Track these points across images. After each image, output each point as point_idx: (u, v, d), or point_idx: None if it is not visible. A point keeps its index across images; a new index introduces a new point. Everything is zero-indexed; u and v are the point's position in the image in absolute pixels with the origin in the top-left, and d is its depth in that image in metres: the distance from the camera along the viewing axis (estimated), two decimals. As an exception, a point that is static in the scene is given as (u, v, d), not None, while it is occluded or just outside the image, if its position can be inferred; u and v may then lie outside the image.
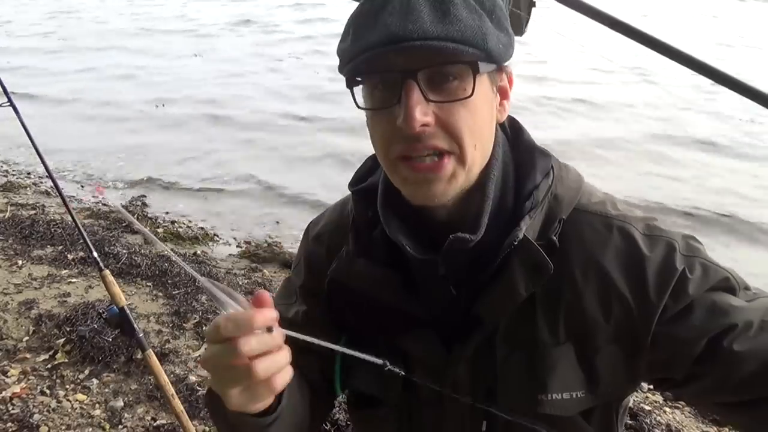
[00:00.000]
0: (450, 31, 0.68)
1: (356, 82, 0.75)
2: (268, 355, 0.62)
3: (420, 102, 0.69)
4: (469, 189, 0.78)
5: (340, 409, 2.59)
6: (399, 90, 0.70)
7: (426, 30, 0.67)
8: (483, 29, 0.70)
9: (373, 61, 0.70)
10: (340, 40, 0.75)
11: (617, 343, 0.79)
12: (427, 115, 0.70)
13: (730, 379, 0.74)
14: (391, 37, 0.67)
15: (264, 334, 0.62)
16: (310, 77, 10.11)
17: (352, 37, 0.72)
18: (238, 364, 0.61)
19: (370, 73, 0.73)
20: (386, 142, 0.74)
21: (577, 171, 0.87)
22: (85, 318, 3.21)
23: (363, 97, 0.76)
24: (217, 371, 0.64)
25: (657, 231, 0.80)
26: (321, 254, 0.96)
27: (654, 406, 2.78)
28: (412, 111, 0.69)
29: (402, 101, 0.70)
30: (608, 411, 0.85)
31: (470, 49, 0.69)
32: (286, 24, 15.33)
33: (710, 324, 0.75)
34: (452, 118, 0.71)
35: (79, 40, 13.72)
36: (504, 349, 0.81)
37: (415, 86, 0.69)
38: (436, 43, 0.67)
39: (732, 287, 0.79)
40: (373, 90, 0.74)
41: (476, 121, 0.73)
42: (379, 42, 0.68)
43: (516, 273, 0.77)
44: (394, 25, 0.68)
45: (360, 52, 0.70)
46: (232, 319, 0.61)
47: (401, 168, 0.75)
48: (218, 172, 6.49)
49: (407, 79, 0.69)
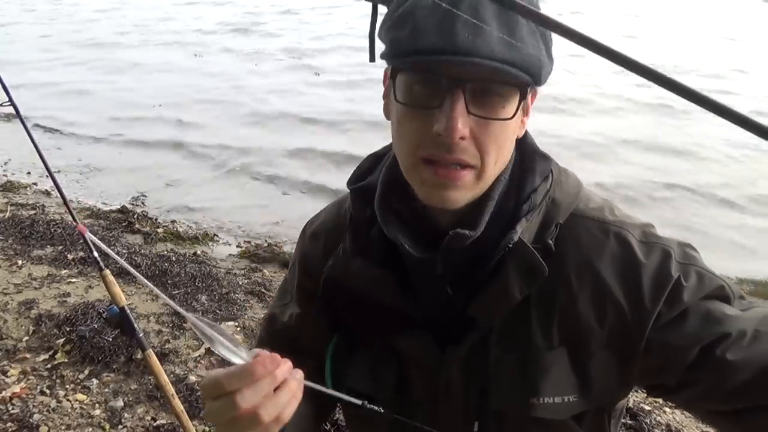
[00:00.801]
0: (516, 56, 0.67)
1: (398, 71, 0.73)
2: (272, 399, 0.64)
3: (463, 114, 0.69)
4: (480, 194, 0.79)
5: (340, 409, 2.59)
6: (444, 95, 0.69)
7: (494, 50, 0.66)
8: (541, 57, 0.70)
9: (432, 64, 0.69)
10: (393, 26, 0.72)
11: (611, 348, 0.79)
12: (465, 127, 0.70)
13: (722, 387, 0.74)
14: (458, 48, 0.66)
15: (262, 383, 0.63)
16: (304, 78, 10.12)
17: (410, 30, 0.69)
18: (241, 415, 0.62)
19: (420, 72, 0.71)
20: (416, 141, 0.73)
21: (577, 176, 0.88)
22: (85, 318, 3.22)
23: (399, 87, 0.74)
24: (222, 425, 0.65)
25: (653, 238, 0.81)
26: (317, 252, 0.96)
27: (654, 406, 2.78)
28: (456, 122, 0.68)
29: (444, 108, 0.69)
30: (600, 415, 0.85)
31: (527, 77, 0.69)
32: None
33: (704, 332, 0.75)
34: (486, 135, 0.71)
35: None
36: (498, 351, 0.82)
37: (462, 97, 0.69)
38: (500, 66, 0.66)
39: (727, 296, 0.79)
40: (413, 85, 0.72)
41: (506, 141, 0.74)
42: (444, 50, 0.66)
43: (511, 275, 0.78)
44: (463, 35, 0.65)
45: (419, 51, 0.68)
46: (235, 374, 0.63)
47: (422, 169, 0.74)
48: (218, 171, 6.50)
49: (455, 87, 0.68)
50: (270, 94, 9.15)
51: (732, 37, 13.18)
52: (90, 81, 10.02)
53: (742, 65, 10.39)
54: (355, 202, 0.88)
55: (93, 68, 10.92)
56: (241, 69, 10.80)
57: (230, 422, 0.64)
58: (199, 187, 6.12)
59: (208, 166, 6.66)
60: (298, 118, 8.06)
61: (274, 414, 0.64)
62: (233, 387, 0.62)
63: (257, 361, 0.63)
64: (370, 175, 0.90)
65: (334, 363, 0.90)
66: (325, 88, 9.43)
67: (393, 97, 0.74)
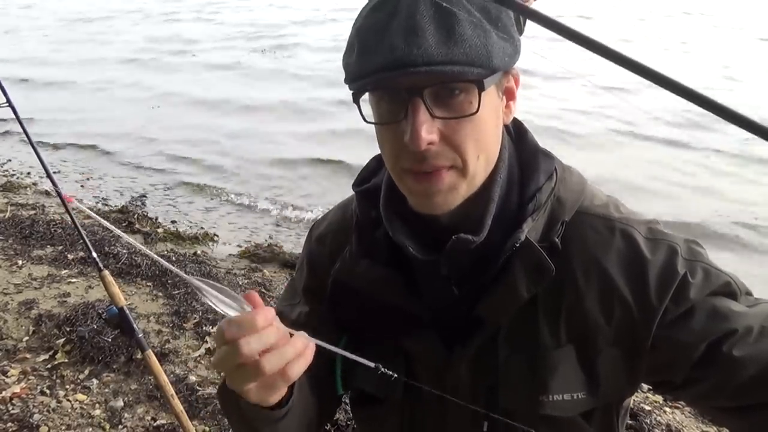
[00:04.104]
0: (455, 54, 0.67)
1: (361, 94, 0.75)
2: (275, 350, 0.64)
3: (426, 120, 0.69)
4: (474, 193, 0.78)
5: (340, 408, 2.58)
6: (405, 106, 0.70)
7: (431, 54, 0.66)
8: (488, 46, 0.69)
9: (379, 82, 0.70)
10: (346, 52, 0.75)
11: (618, 345, 0.79)
12: (432, 133, 0.70)
13: (728, 383, 0.74)
14: (396, 62, 0.67)
15: (265, 332, 0.64)
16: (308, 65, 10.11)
17: (357, 54, 0.71)
18: (245, 363, 0.63)
19: (377, 90, 0.73)
20: (394, 154, 0.75)
21: (580, 173, 0.87)
22: (85, 318, 3.21)
23: (371, 108, 0.76)
24: (228, 372, 0.67)
25: (659, 234, 0.80)
26: (324, 255, 0.96)
27: (654, 406, 2.78)
28: (419, 130, 0.69)
29: (408, 117, 0.70)
30: (609, 412, 0.85)
31: (475, 70, 0.69)
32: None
33: (710, 328, 0.75)
34: (457, 134, 0.71)
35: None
36: (506, 350, 0.81)
37: (422, 104, 0.69)
38: (440, 68, 0.67)
39: (733, 292, 0.79)
40: (379, 101, 0.74)
41: (482, 134, 0.73)
42: (384, 66, 0.68)
43: (517, 275, 0.78)
44: (399, 49, 0.67)
45: (366, 74, 0.70)
46: (234, 321, 0.63)
47: (406, 179, 0.75)
48: (218, 171, 6.50)
49: (413, 97, 0.69)
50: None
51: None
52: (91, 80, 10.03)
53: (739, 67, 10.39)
54: (361, 204, 0.89)
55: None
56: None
57: (235, 370, 0.65)
58: (198, 186, 6.11)
59: (207, 165, 6.66)
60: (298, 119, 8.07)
61: (278, 365, 0.64)
62: (233, 334, 0.62)
63: (258, 311, 0.64)
64: (374, 177, 0.90)
65: (343, 363, 0.90)
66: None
67: (363, 120, 0.76)
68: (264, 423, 0.79)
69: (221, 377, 0.81)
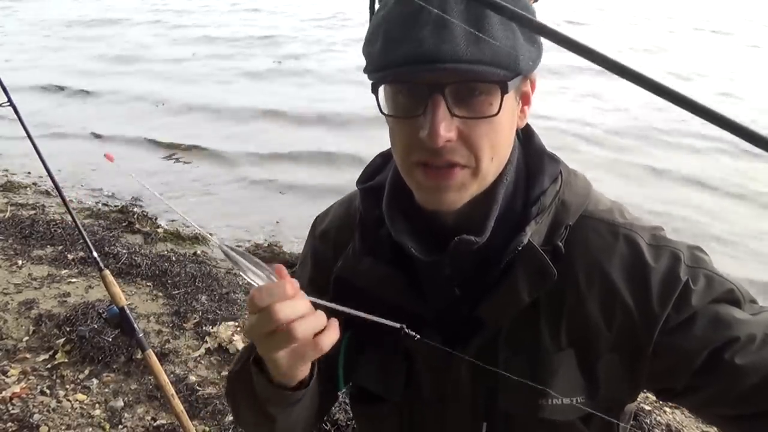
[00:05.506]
0: (484, 54, 0.66)
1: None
2: (305, 318, 0.66)
3: (445, 118, 0.69)
4: (480, 193, 0.78)
5: (339, 408, 2.59)
6: (425, 102, 0.69)
7: (459, 52, 0.65)
8: (516, 48, 0.69)
9: (402, 75, 0.70)
10: (368, 40, 0.73)
11: (618, 350, 0.79)
12: (450, 131, 0.69)
13: (730, 391, 0.74)
14: (424, 56, 0.66)
15: (295, 300, 0.66)
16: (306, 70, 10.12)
17: (381, 44, 0.70)
18: (277, 329, 0.65)
19: (398, 83, 0.72)
20: (407, 148, 0.74)
21: (586, 177, 0.87)
22: (85, 318, 3.22)
23: (385, 99, 0.75)
24: (260, 339, 0.68)
25: (663, 241, 0.80)
26: (327, 251, 0.96)
27: (654, 406, 2.78)
28: (438, 127, 0.68)
29: (427, 114, 0.69)
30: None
31: (501, 71, 0.68)
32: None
33: (712, 336, 0.75)
34: (475, 134, 0.71)
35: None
36: (506, 352, 0.81)
37: (442, 101, 0.68)
38: (467, 66, 0.66)
39: (737, 299, 0.78)
40: (397, 93, 0.73)
41: (498, 136, 0.73)
42: (411, 59, 0.67)
43: (519, 278, 0.77)
44: (428, 43, 0.65)
45: (391, 65, 0.69)
46: (266, 289, 0.66)
47: (417, 173, 0.75)
48: (217, 171, 6.49)
49: (435, 93, 0.68)
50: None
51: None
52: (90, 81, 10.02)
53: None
54: (364, 202, 0.88)
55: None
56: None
57: (266, 336, 0.66)
58: (199, 186, 6.11)
59: (207, 165, 6.66)
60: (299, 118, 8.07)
61: (309, 331, 0.66)
62: (264, 301, 0.64)
63: (288, 281, 0.66)
64: (378, 174, 0.90)
65: (345, 359, 0.90)
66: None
67: (380, 111, 0.75)
68: (280, 405, 0.79)
69: (221, 378, 0.80)
